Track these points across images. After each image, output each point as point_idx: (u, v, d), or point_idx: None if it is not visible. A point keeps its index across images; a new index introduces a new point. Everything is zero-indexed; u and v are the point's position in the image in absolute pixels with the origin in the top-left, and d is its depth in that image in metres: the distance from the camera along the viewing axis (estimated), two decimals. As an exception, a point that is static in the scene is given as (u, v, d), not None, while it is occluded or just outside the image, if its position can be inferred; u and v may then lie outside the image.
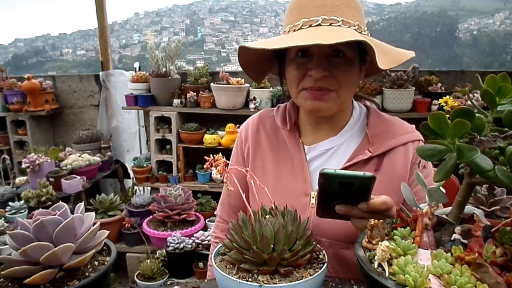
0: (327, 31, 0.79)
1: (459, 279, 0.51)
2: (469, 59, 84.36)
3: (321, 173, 0.66)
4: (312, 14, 0.82)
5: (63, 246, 0.67)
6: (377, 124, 0.97)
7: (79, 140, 3.41)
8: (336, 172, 0.65)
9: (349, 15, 0.83)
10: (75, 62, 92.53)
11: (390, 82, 2.97)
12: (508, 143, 0.57)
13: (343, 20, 0.81)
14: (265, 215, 0.69)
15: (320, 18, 0.81)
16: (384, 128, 0.96)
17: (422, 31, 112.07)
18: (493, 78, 0.60)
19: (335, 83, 0.86)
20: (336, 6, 0.82)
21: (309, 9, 0.83)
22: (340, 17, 0.81)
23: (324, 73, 0.84)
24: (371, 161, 0.92)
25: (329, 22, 0.81)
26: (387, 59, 0.78)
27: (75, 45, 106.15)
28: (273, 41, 0.81)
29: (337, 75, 0.86)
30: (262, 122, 1.06)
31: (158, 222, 2.56)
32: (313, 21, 0.81)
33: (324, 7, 0.82)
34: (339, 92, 0.87)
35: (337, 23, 0.81)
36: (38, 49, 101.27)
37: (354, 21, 0.83)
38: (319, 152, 0.97)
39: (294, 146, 0.98)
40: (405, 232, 0.64)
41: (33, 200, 2.39)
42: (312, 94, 0.87)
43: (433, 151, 0.61)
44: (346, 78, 0.87)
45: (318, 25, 0.81)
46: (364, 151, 0.93)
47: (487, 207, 1.43)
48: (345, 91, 0.88)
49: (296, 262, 0.63)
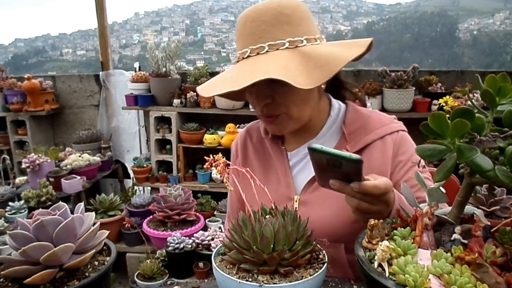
0: (249, 66, 0.80)
1: (459, 279, 0.51)
2: (469, 59, 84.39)
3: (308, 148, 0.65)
4: (245, 44, 0.83)
5: (63, 246, 0.67)
6: (353, 121, 0.96)
7: (79, 140, 3.41)
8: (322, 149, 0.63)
9: (278, 35, 0.81)
10: (75, 62, 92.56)
11: (390, 82, 2.97)
12: (508, 143, 0.57)
13: (269, 44, 0.81)
14: (265, 215, 0.69)
15: (249, 49, 0.82)
16: (361, 123, 0.95)
17: (422, 31, 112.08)
18: (493, 78, 0.60)
19: (280, 107, 0.87)
20: (262, 31, 0.81)
21: (243, 39, 0.84)
22: (266, 42, 0.81)
23: (265, 102, 0.86)
24: None
25: (256, 52, 0.81)
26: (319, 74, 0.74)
27: (75, 45, 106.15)
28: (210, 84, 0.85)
29: (280, 99, 0.86)
30: (249, 135, 1.09)
31: (158, 222, 2.56)
32: (244, 53, 0.82)
33: (252, 35, 0.82)
34: (288, 113, 0.88)
35: (263, 50, 0.81)
36: (38, 49, 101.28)
37: (284, 38, 0.81)
38: (301, 157, 0.98)
39: (276, 154, 1.00)
40: (405, 232, 0.64)
41: (33, 200, 2.39)
42: (266, 120, 0.91)
43: (433, 151, 0.61)
44: (290, 99, 0.86)
45: (247, 56, 0.82)
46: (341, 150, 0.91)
47: (487, 207, 1.43)
48: (296, 111, 0.88)
49: (296, 262, 0.63)
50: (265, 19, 0.82)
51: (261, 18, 0.82)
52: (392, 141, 0.93)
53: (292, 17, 0.83)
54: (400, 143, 0.94)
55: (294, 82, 0.72)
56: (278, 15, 0.82)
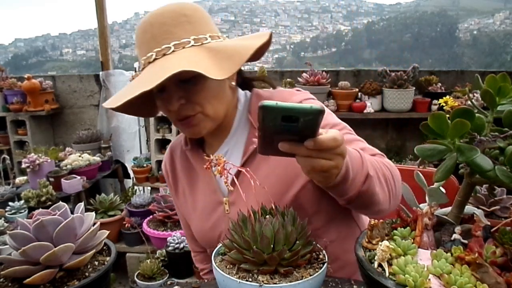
0: (159, 67, 0.78)
1: (459, 279, 0.51)
2: (469, 59, 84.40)
3: (260, 106, 0.55)
4: (148, 50, 0.82)
5: (63, 246, 0.67)
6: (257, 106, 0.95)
7: (79, 140, 3.40)
8: (277, 105, 0.54)
9: (181, 34, 0.81)
10: (75, 62, 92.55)
11: (390, 82, 2.97)
12: (508, 143, 0.57)
13: (175, 44, 0.80)
14: (265, 215, 0.70)
15: (154, 52, 0.81)
16: None
17: (422, 31, 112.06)
18: (493, 78, 0.60)
19: (195, 106, 0.85)
20: (165, 32, 0.81)
21: (145, 46, 0.83)
22: (171, 42, 0.80)
23: (179, 103, 0.84)
24: None
25: (162, 53, 0.80)
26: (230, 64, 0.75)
27: (75, 45, 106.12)
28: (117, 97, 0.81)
29: (193, 98, 0.85)
30: (174, 152, 1.08)
31: (158, 222, 2.56)
32: (149, 58, 0.81)
33: (154, 38, 0.81)
34: (204, 112, 0.86)
35: (169, 50, 0.80)
36: (38, 49, 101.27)
37: (188, 36, 0.81)
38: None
39: (198, 162, 0.99)
40: (405, 232, 0.64)
41: (33, 200, 2.39)
42: (182, 124, 0.88)
43: (433, 151, 0.61)
44: (204, 96, 0.85)
45: (154, 59, 0.81)
46: (252, 139, 0.92)
47: (487, 207, 1.43)
48: (211, 108, 0.87)
49: (296, 262, 0.63)
50: (165, 21, 0.81)
51: (160, 21, 0.81)
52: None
53: (192, 17, 0.84)
54: None
55: (208, 73, 0.71)
56: (178, 16, 0.82)
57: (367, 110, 3.03)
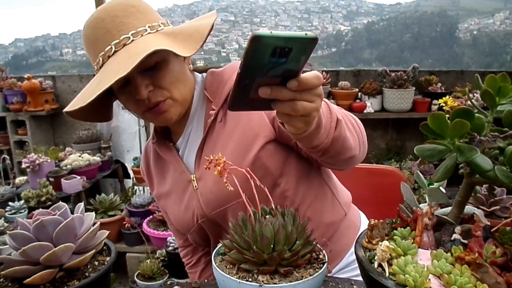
0: (123, 56, 0.78)
1: (459, 279, 0.51)
2: (469, 59, 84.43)
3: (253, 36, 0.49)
4: (104, 45, 0.81)
5: (63, 246, 0.67)
6: (212, 81, 0.97)
7: (79, 140, 3.40)
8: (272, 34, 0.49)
9: (135, 23, 0.82)
10: (75, 62, 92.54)
11: (390, 82, 2.97)
12: (508, 143, 0.57)
13: (133, 33, 0.80)
14: (265, 215, 0.70)
15: (112, 45, 0.80)
16: (217, 80, 0.96)
17: (422, 31, 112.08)
18: (493, 78, 0.60)
19: (163, 92, 0.86)
20: (119, 24, 0.81)
21: (100, 42, 0.82)
22: (129, 31, 0.81)
23: (147, 90, 0.84)
24: (217, 116, 0.93)
25: (122, 44, 0.80)
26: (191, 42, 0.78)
27: (75, 45, 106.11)
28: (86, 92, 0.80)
29: (160, 83, 0.85)
30: (147, 151, 1.10)
31: (158, 222, 2.56)
32: (108, 51, 0.81)
33: (109, 32, 0.81)
34: (172, 96, 0.87)
35: (128, 40, 0.80)
36: (38, 49, 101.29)
37: (143, 25, 0.82)
38: (186, 140, 0.99)
39: (166, 152, 1.01)
40: (405, 232, 0.64)
41: (33, 200, 2.39)
42: (152, 112, 0.87)
43: (433, 151, 0.61)
44: (169, 80, 0.86)
45: (114, 52, 0.80)
46: (209, 112, 0.94)
47: (487, 207, 1.42)
48: (177, 92, 0.88)
49: (296, 262, 0.63)
50: (116, 13, 0.82)
51: (111, 14, 0.82)
52: None
53: (140, 7, 0.85)
54: None
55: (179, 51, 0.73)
56: (127, 7, 0.83)
57: (367, 110, 3.03)
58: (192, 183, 0.96)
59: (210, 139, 0.93)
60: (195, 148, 0.96)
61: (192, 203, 0.96)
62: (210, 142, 0.93)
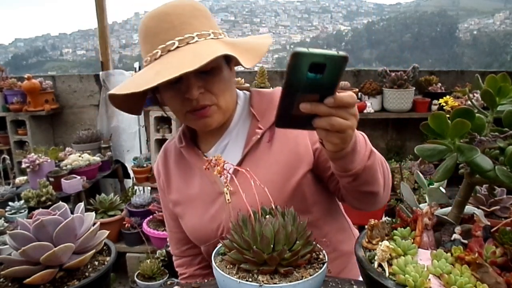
0: (188, 53, 0.79)
1: (459, 279, 0.51)
2: (469, 59, 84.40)
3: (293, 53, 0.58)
4: (166, 38, 0.82)
5: (63, 246, 0.67)
6: (260, 101, 1.00)
7: (79, 140, 3.40)
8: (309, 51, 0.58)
9: (201, 26, 0.84)
10: (75, 62, 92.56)
11: (390, 82, 2.97)
12: (508, 143, 0.57)
13: (198, 34, 0.82)
14: (265, 215, 0.69)
15: (176, 40, 0.81)
16: (267, 101, 0.99)
17: (422, 31, 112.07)
18: (493, 78, 0.60)
19: (211, 96, 0.88)
20: (185, 23, 0.82)
21: (162, 35, 0.83)
22: (194, 32, 0.82)
23: (198, 92, 0.86)
24: (264, 136, 0.96)
25: (186, 42, 0.81)
26: (250, 56, 0.80)
27: (75, 45, 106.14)
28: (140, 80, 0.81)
29: (211, 88, 0.87)
30: (168, 152, 1.09)
31: (158, 222, 2.56)
32: (170, 45, 0.81)
33: (174, 28, 0.82)
34: (218, 103, 0.90)
35: (192, 39, 0.82)
36: (38, 49, 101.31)
37: (207, 29, 0.84)
38: (220, 151, 0.99)
39: (193, 158, 1.01)
40: (405, 232, 0.64)
41: (33, 200, 2.39)
42: (196, 115, 0.89)
43: (433, 151, 0.61)
44: (220, 87, 0.89)
45: (176, 47, 0.81)
46: (255, 130, 0.96)
47: (487, 207, 1.42)
48: (223, 100, 0.90)
49: (296, 262, 0.63)
50: (182, 12, 0.83)
51: (178, 12, 0.83)
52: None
53: (205, 12, 0.87)
54: None
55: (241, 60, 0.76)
56: (194, 10, 0.85)
57: (367, 110, 3.03)
58: (225, 196, 0.95)
59: (252, 156, 0.94)
60: (233, 161, 0.94)
61: (221, 215, 0.95)
62: (252, 159, 0.94)
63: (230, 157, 0.96)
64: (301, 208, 0.88)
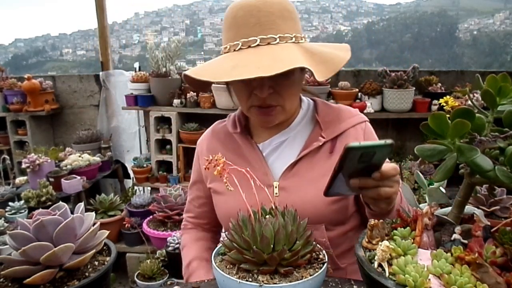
0: (267, 55, 0.80)
1: (459, 279, 0.51)
2: (469, 59, 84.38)
3: (347, 147, 0.65)
4: (250, 33, 0.83)
5: (63, 246, 0.67)
6: (326, 112, 1.03)
7: (79, 140, 3.40)
8: (361, 145, 0.65)
9: (285, 28, 0.84)
10: (75, 62, 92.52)
11: (390, 82, 2.97)
12: (508, 143, 0.57)
13: (280, 36, 0.83)
14: (265, 215, 0.69)
15: (258, 38, 0.82)
16: (334, 114, 1.03)
17: (422, 31, 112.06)
18: (494, 78, 0.60)
19: (279, 98, 0.90)
20: (272, 22, 0.83)
21: (246, 28, 0.83)
22: (277, 33, 0.83)
23: (268, 92, 0.88)
24: (324, 145, 0.98)
25: (267, 41, 0.82)
26: (325, 68, 0.80)
27: (75, 45, 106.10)
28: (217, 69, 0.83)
29: (280, 90, 0.89)
30: (216, 133, 1.11)
31: (158, 222, 2.56)
32: (252, 41, 0.83)
33: (260, 25, 0.83)
34: (284, 105, 0.92)
35: (274, 41, 0.82)
36: (38, 49, 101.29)
37: (291, 33, 0.85)
38: (274, 146, 1.02)
39: (247, 146, 1.02)
40: (405, 232, 0.64)
41: (33, 200, 2.39)
42: (260, 111, 0.92)
43: (433, 151, 0.61)
44: (289, 91, 0.91)
45: (257, 45, 0.82)
46: (317, 137, 0.98)
47: (487, 207, 1.43)
48: (289, 103, 0.93)
49: (296, 262, 0.63)
50: (272, 11, 0.83)
51: (268, 9, 0.83)
52: (362, 130, 1.03)
53: (293, 14, 0.88)
54: (367, 132, 1.04)
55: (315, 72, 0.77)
56: (283, 9, 0.85)
57: (367, 110, 3.02)
58: (273, 189, 0.97)
59: (309, 160, 0.97)
60: (287, 159, 0.98)
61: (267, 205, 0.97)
62: (308, 162, 0.97)
63: (284, 154, 1.01)
64: (340, 218, 0.96)
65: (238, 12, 0.85)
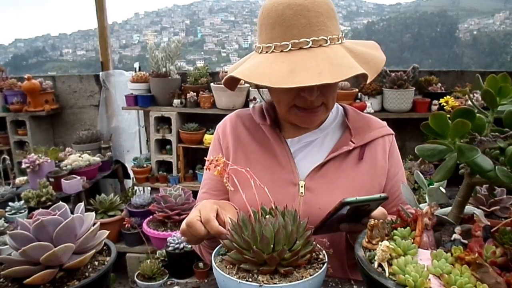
0: (323, 59, 0.79)
1: (459, 279, 0.51)
2: (469, 59, 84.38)
3: (344, 202, 0.68)
4: (301, 35, 0.81)
5: (63, 246, 0.66)
6: (357, 119, 1.04)
7: (79, 140, 3.41)
8: (357, 199, 0.69)
9: (333, 29, 0.84)
10: (75, 62, 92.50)
11: (390, 82, 2.97)
12: (508, 143, 0.57)
13: (330, 38, 0.83)
14: (265, 215, 0.69)
15: (310, 40, 0.81)
16: (364, 122, 1.04)
17: (422, 31, 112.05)
18: (494, 78, 0.60)
19: (324, 98, 0.91)
20: (321, 23, 0.82)
21: (296, 29, 0.81)
22: (327, 35, 0.83)
23: (316, 94, 0.88)
24: (353, 151, 1.00)
25: (319, 44, 0.82)
26: (370, 70, 0.82)
27: (75, 45, 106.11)
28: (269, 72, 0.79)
29: (326, 91, 0.90)
30: (241, 119, 1.09)
31: (158, 222, 2.56)
32: (303, 43, 0.81)
33: (310, 26, 0.81)
34: (328, 105, 0.94)
35: (326, 43, 0.82)
36: (38, 49, 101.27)
37: (337, 33, 0.85)
38: (303, 144, 1.01)
39: (276, 140, 1.01)
40: (405, 232, 0.64)
41: (33, 200, 2.39)
42: (305, 111, 0.92)
43: (434, 151, 0.61)
44: (333, 92, 0.93)
45: (309, 47, 0.81)
46: (347, 142, 0.99)
47: (487, 207, 1.42)
48: (332, 102, 0.95)
49: (296, 262, 0.63)
50: (321, 11, 0.82)
51: (317, 10, 0.82)
52: (389, 141, 1.05)
53: (336, 13, 0.88)
54: (393, 145, 1.06)
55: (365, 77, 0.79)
56: (329, 10, 0.84)
57: (367, 110, 3.02)
58: (298, 188, 0.97)
59: (336, 163, 0.98)
60: (315, 158, 0.99)
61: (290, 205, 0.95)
62: (336, 165, 0.98)
63: (312, 154, 1.01)
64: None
65: (285, 11, 0.82)
